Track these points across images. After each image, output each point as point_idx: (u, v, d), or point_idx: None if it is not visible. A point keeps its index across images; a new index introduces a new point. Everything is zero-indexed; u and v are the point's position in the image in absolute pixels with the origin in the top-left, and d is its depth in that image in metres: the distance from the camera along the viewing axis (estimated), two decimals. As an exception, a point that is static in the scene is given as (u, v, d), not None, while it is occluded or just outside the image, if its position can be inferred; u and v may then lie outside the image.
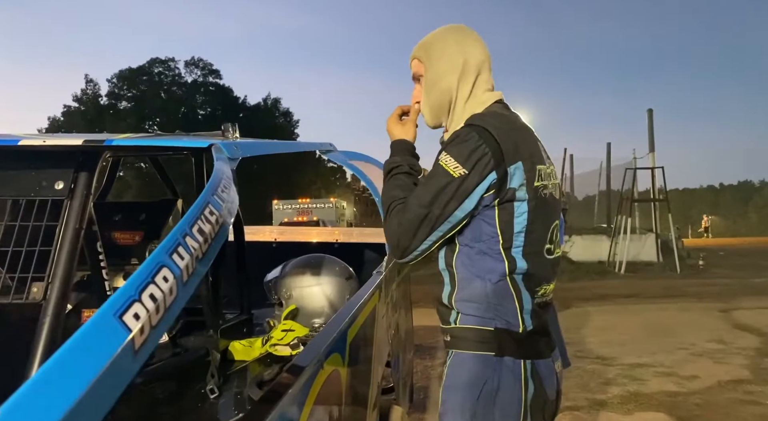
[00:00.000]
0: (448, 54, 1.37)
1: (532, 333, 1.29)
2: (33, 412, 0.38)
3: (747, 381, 4.48)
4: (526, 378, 1.27)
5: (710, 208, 56.89)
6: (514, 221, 1.26)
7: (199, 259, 0.66)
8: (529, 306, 1.29)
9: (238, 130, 1.49)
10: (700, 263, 14.33)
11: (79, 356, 0.45)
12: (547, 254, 1.32)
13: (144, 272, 0.59)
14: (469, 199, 1.23)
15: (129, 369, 0.49)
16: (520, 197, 1.25)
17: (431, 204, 1.23)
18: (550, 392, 1.33)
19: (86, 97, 39.50)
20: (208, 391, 1.39)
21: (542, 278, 1.32)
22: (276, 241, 3.15)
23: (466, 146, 1.23)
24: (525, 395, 1.26)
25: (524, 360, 1.27)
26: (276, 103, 44.47)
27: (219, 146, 1.15)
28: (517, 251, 1.27)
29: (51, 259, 1.06)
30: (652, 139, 16.00)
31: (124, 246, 1.80)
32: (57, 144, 1.16)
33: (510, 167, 1.23)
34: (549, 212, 1.32)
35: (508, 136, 1.24)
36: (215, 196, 0.82)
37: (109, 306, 0.54)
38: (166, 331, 1.61)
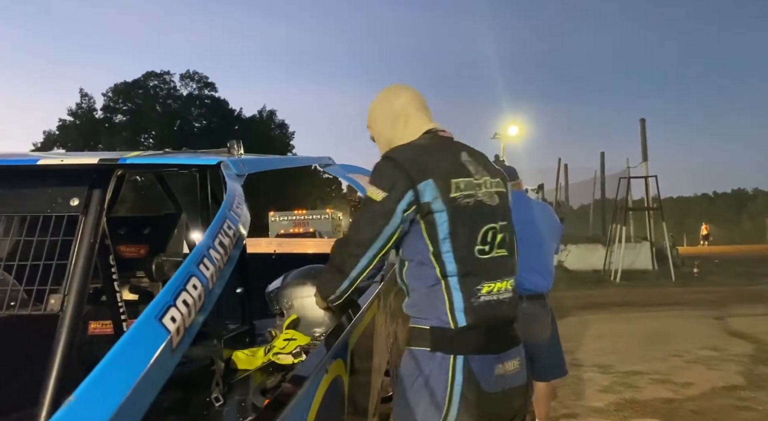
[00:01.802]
0: (379, 115, 1.70)
1: (467, 330, 1.44)
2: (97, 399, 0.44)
3: (741, 387, 4.53)
4: (454, 371, 1.41)
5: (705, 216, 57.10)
6: (437, 230, 1.46)
7: (221, 268, 0.74)
8: (461, 305, 1.45)
9: (242, 146, 1.55)
10: (695, 271, 14.42)
11: (130, 353, 0.51)
12: (479, 254, 1.49)
13: (177, 280, 0.66)
14: (394, 216, 1.46)
15: (169, 364, 0.57)
16: (437, 209, 1.46)
17: (368, 225, 1.49)
18: (489, 386, 1.43)
19: (81, 111, 39.54)
20: (213, 399, 1.44)
21: (483, 276, 1.48)
22: (275, 252, 3.20)
23: (381, 174, 1.50)
24: (451, 386, 1.41)
25: (454, 355, 1.42)
26: (271, 116, 44.60)
27: (228, 163, 1.22)
28: (447, 255, 1.46)
29: (67, 272, 1.11)
30: (645, 148, 16.15)
31: (129, 259, 1.84)
32: (74, 163, 1.22)
33: (419, 185, 1.46)
34: (475, 218, 1.50)
35: (414, 161, 1.49)
36: (231, 212, 0.89)
37: (151, 310, 0.60)
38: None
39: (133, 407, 0.50)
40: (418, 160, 1.50)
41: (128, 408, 0.48)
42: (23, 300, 1.16)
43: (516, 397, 1.50)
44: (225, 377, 1.58)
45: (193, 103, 41.86)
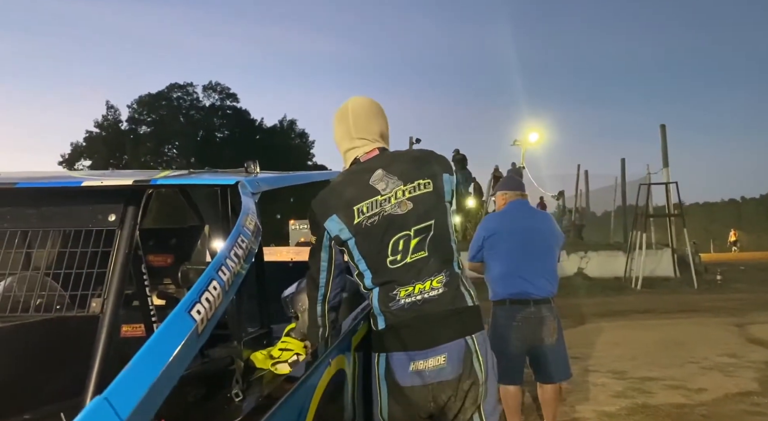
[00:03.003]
0: (334, 135, 1.94)
1: (386, 331, 1.66)
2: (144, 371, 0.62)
3: (755, 393, 4.55)
4: (378, 367, 1.67)
5: (732, 222, 55.88)
6: (353, 253, 1.71)
7: (236, 274, 0.91)
8: (378, 310, 1.67)
9: (258, 166, 1.72)
10: (718, 278, 14.23)
11: (167, 336, 0.69)
12: (391, 264, 1.67)
13: (202, 283, 0.84)
14: (324, 248, 1.77)
15: (195, 345, 0.74)
16: (345, 237, 1.70)
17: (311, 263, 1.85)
18: (404, 380, 1.62)
19: (107, 123, 40.51)
20: (234, 395, 1.58)
21: (396, 283, 1.66)
22: (292, 261, 3.36)
23: (309, 221, 1.82)
24: (378, 379, 1.66)
25: (378, 353, 1.67)
26: (292, 125, 45.14)
27: (244, 183, 1.38)
28: (365, 271, 1.70)
29: (106, 278, 1.28)
30: (665, 154, 16.03)
31: (158, 267, 2.01)
32: (112, 184, 1.40)
33: (325, 223, 1.73)
34: (382, 234, 1.68)
35: (321, 202, 1.77)
36: (245, 227, 1.06)
37: (182, 305, 0.78)
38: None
39: (171, 373, 0.67)
40: (324, 200, 1.78)
41: (167, 375, 0.66)
42: (68, 304, 1.33)
43: (442, 391, 1.61)
44: (244, 376, 1.72)
45: (215, 114, 42.61)
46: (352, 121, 1.85)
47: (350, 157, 1.86)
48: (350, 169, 1.83)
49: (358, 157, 1.81)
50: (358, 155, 1.82)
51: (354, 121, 1.85)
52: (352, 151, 1.85)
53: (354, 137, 1.84)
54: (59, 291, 1.33)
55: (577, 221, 19.21)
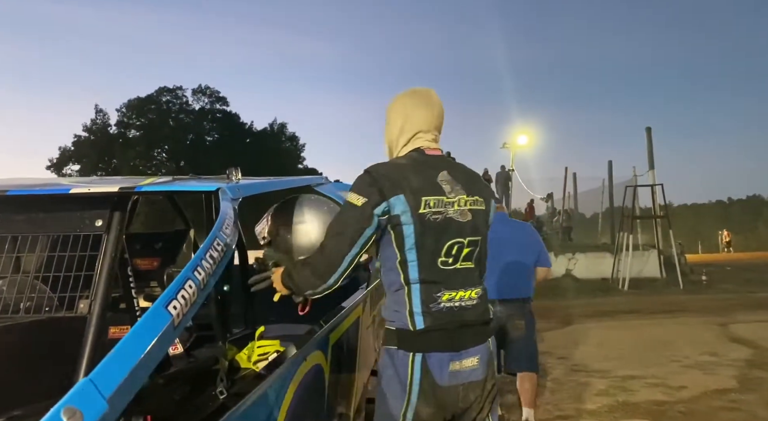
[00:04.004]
0: (392, 115, 1.82)
1: (425, 332, 1.63)
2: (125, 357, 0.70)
3: (733, 390, 4.67)
4: (413, 367, 1.62)
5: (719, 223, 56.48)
6: (404, 241, 1.63)
7: (210, 274, 0.99)
8: (419, 309, 1.63)
9: (240, 172, 1.78)
10: (703, 279, 14.44)
11: (146, 328, 0.76)
12: (442, 265, 1.65)
13: (178, 281, 0.92)
14: (373, 219, 1.62)
15: (172, 336, 0.82)
16: (405, 221, 1.62)
17: (345, 226, 1.63)
18: (442, 380, 1.63)
19: (96, 127, 40.27)
20: (218, 392, 1.65)
21: (442, 285, 1.64)
22: (279, 264, 3.42)
23: (360, 184, 1.66)
24: (411, 380, 1.62)
25: (413, 353, 1.62)
26: (282, 128, 45.07)
27: (224, 189, 1.45)
28: (413, 264, 1.63)
29: (93, 281, 1.35)
30: (651, 156, 16.26)
31: (144, 271, 2.08)
32: (98, 191, 1.46)
33: (390, 199, 1.62)
34: (442, 232, 1.66)
35: (388, 176, 1.66)
36: (221, 232, 1.14)
37: (160, 301, 0.86)
38: (182, 344, 1.89)
39: (150, 359, 0.76)
40: (392, 175, 1.67)
41: (146, 361, 0.74)
42: (56, 306, 1.40)
43: (472, 390, 1.68)
44: (228, 374, 1.79)
45: (205, 118, 42.47)
46: (437, 112, 1.82)
47: (414, 143, 1.78)
48: (415, 157, 1.76)
49: (422, 148, 1.77)
50: (423, 146, 1.78)
51: (438, 113, 1.82)
52: (419, 138, 1.79)
53: (431, 128, 1.80)
54: (48, 293, 1.40)
55: (564, 223, 19.41)
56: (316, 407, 1.56)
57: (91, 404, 0.66)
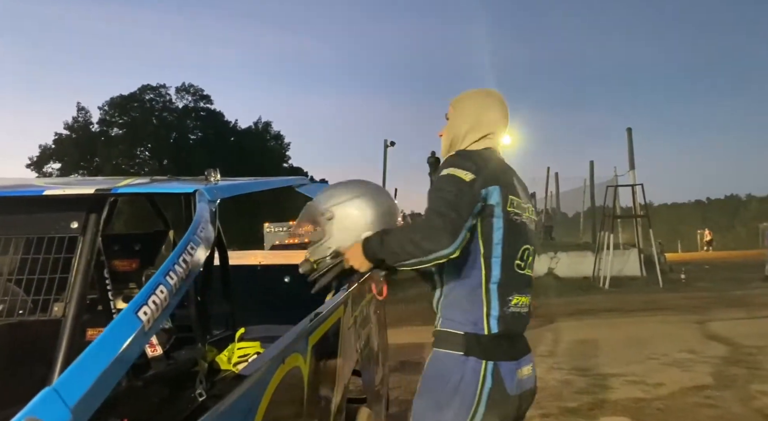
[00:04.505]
0: (467, 110, 1.75)
1: (497, 337, 1.53)
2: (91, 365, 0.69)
3: (709, 387, 4.76)
4: (485, 376, 1.51)
5: (698, 223, 57.40)
6: (493, 234, 1.54)
7: (183, 279, 0.98)
8: (497, 313, 1.53)
9: (219, 173, 1.77)
10: (682, 277, 14.67)
11: (115, 333, 0.76)
12: (517, 268, 1.59)
13: (150, 287, 0.91)
14: (478, 198, 1.51)
15: (142, 340, 0.81)
16: (497, 214, 1.54)
17: (458, 198, 1.47)
18: (512, 390, 1.55)
19: (77, 125, 39.70)
20: (197, 395, 1.64)
21: (514, 288, 1.57)
22: (260, 264, 3.41)
23: (461, 162, 1.55)
24: (481, 389, 1.51)
25: (486, 361, 1.51)
26: (267, 127, 44.86)
27: (202, 191, 1.45)
28: (496, 261, 1.54)
29: (69, 283, 1.33)
30: (632, 157, 16.48)
31: (122, 272, 2.05)
32: (73, 193, 1.45)
33: (489, 187, 1.53)
34: (519, 234, 1.60)
35: (486, 165, 1.57)
36: (195, 235, 1.14)
37: (130, 307, 0.85)
38: (160, 345, 1.88)
39: (118, 367, 0.75)
40: (490, 165, 1.60)
41: (114, 368, 0.73)
42: (30, 309, 1.38)
43: (526, 400, 1.62)
44: (208, 377, 1.78)
45: (188, 116, 42.12)
46: (507, 118, 1.77)
47: (483, 143, 1.71)
48: (497, 155, 1.69)
49: (492, 148, 1.71)
50: (492, 147, 1.71)
51: (507, 116, 1.78)
52: (489, 139, 1.71)
53: (503, 129, 1.75)
54: (22, 296, 1.38)
55: (545, 222, 19.60)
56: (294, 410, 1.56)
57: (55, 414, 0.65)
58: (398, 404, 4.61)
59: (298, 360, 1.54)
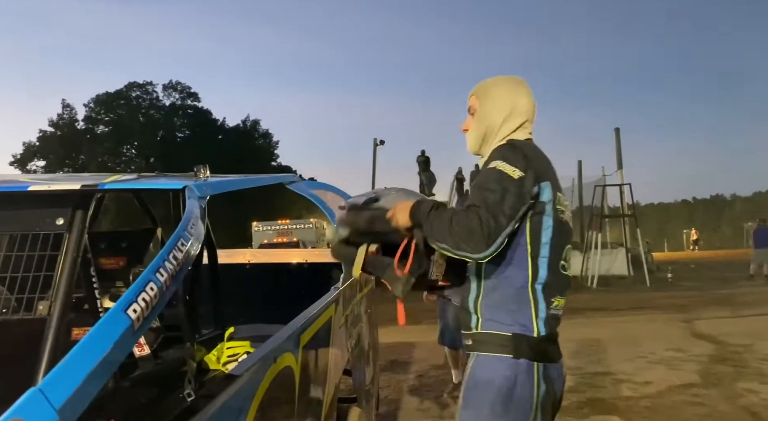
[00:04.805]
0: (499, 98, 1.63)
1: (545, 339, 1.47)
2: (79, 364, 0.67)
3: (696, 385, 4.80)
4: (539, 379, 1.45)
5: (685, 222, 58.07)
6: (542, 233, 1.47)
7: (173, 276, 0.96)
8: (544, 314, 1.47)
9: (208, 170, 1.75)
10: (669, 277, 14.82)
11: (104, 332, 0.73)
12: (561, 269, 1.53)
13: (139, 284, 0.89)
14: (527, 198, 1.42)
15: (131, 340, 0.79)
16: (547, 212, 1.47)
17: (504, 198, 1.39)
18: (558, 393, 1.52)
19: (63, 122, 39.20)
20: (186, 395, 1.62)
21: (557, 290, 1.51)
22: (249, 263, 3.38)
23: (516, 156, 1.46)
24: (537, 393, 1.44)
25: (537, 363, 1.45)
26: (255, 125, 44.61)
27: (191, 187, 1.42)
28: (543, 261, 1.47)
29: (54, 281, 1.30)
30: (620, 156, 16.59)
31: (110, 270, 2.02)
32: (59, 189, 1.41)
33: (541, 183, 1.46)
34: (565, 233, 1.54)
35: (537, 159, 1.50)
36: (186, 231, 1.11)
37: (119, 304, 0.82)
38: (148, 345, 1.85)
39: (106, 367, 0.72)
40: (540, 160, 1.51)
41: (102, 368, 0.71)
42: (14, 307, 1.34)
43: (560, 401, 1.58)
44: (197, 376, 1.76)
45: (176, 114, 41.75)
46: (534, 104, 1.67)
47: (520, 133, 1.61)
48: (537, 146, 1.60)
49: (532, 138, 1.63)
50: (525, 139, 1.61)
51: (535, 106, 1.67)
52: (525, 129, 1.62)
53: (533, 119, 1.65)
54: (5, 294, 1.35)
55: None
56: (286, 410, 1.54)
57: (40, 415, 0.63)
58: (388, 404, 4.60)
59: (290, 359, 1.52)
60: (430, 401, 4.69)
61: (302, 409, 1.67)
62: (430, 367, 5.69)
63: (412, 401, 4.72)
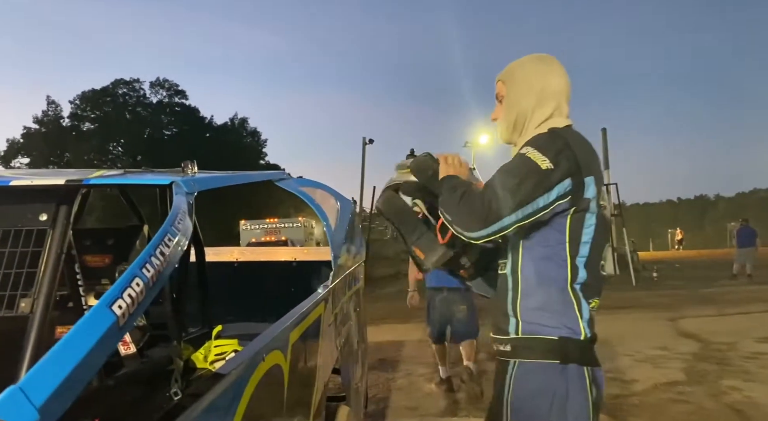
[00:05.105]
0: (528, 80, 1.49)
1: (590, 341, 1.38)
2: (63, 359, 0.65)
3: (681, 383, 4.85)
4: (590, 384, 1.35)
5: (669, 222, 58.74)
6: (582, 231, 1.37)
7: (160, 272, 0.94)
8: (587, 315, 1.37)
9: (196, 166, 1.72)
10: (654, 276, 14.96)
11: (88, 328, 0.71)
12: (600, 269, 1.43)
13: (125, 279, 0.87)
14: (549, 193, 1.31)
15: (117, 336, 0.77)
16: (591, 209, 1.36)
17: (518, 186, 1.30)
18: (601, 398, 1.41)
19: (48, 119, 38.71)
20: (172, 394, 1.59)
21: (595, 290, 1.41)
22: (237, 261, 3.35)
23: (552, 146, 1.35)
24: (591, 400, 1.35)
25: (586, 367, 1.35)
26: (243, 123, 44.36)
27: (179, 183, 1.40)
28: (581, 261, 1.37)
29: (37, 279, 1.27)
30: (606, 157, 16.74)
31: (95, 268, 1.99)
32: (42, 184, 1.38)
33: (586, 178, 1.34)
34: (605, 231, 1.42)
35: (582, 151, 1.37)
36: (173, 227, 1.09)
37: (103, 300, 0.80)
38: (134, 343, 1.82)
39: (90, 364, 0.71)
40: (585, 151, 1.38)
41: (85, 365, 0.69)
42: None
43: (601, 409, 1.44)
44: (184, 375, 1.74)
45: (163, 111, 41.40)
46: (568, 79, 1.52)
47: (555, 120, 1.47)
48: (581, 135, 1.45)
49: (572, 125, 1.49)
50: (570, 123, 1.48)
51: (569, 82, 1.52)
52: (560, 115, 1.48)
53: (567, 98, 1.50)
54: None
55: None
56: (274, 408, 1.53)
57: (21, 414, 0.61)
58: (376, 402, 4.59)
59: (279, 358, 1.50)
60: (418, 399, 4.69)
61: (291, 408, 1.66)
62: (418, 365, 5.69)
63: (400, 399, 4.72)
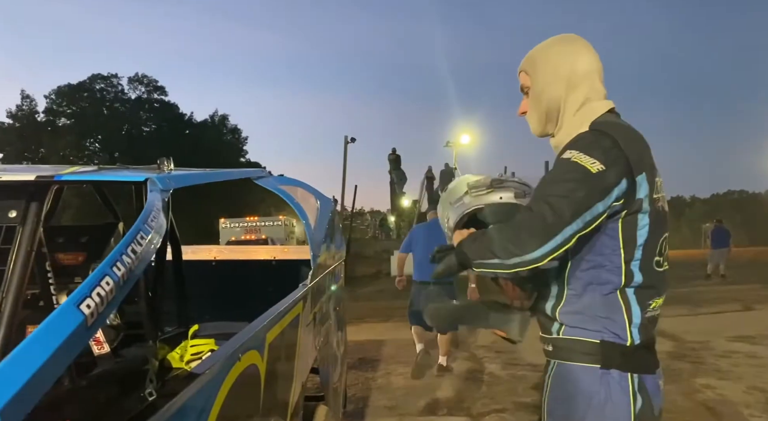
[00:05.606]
0: (552, 65, 1.38)
1: (640, 347, 1.30)
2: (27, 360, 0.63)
3: (656, 381, 4.92)
4: (635, 392, 1.29)
5: (646, 223, 59.44)
6: (637, 234, 1.27)
7: (131, 270, 0.92)
8: (639, 320, 1.30)
9: (172, 163, 1.70)
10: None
11: (54, 328, 0.70)
12: (656, 266, 1.33)
13: (94, 278, 0.85)
14: (608, 196, 1.21)
15: (84, 336, 0.75)
16: (644, 209, 1.27)
17: (572, 193, 1.20)
18: (656, 408, 1.33)
19: (22, 114, 37.88)
20: (147, 394, 1.57)
21: (654, 291, 1.33)
22: (215, 259, 3.32)
23: (599, 146, 1.24)
24: (634, 408, 1.28)
25: (631, 374, 1.29)
26: (223, 120, 43.94)
27: (153, 180, 1.37)
28: (635, 264, 1.29)
29: (5, 277, 1.24)
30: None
31: (68, 266, 1.95)
32: (11, 179, 1.35)
33: (638, 177, 1.24)
34: (662, 224, 1.33)
35: (632, 147, 1.26)
36: (146, 224, 1.08)
37: (71, 299, 0.79)
38: (108, 343, 1.79)
39: (55, 365, 0.69)
40: (634, 145, 1.27)
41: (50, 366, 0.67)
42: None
43: (660, 417, 1.38)
44: (159, 375, 1.71)
45: (141, 107, 40.80)
46: (598, 57, 1.40)
47: (596, 105, 1.36)
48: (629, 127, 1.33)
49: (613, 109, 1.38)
50: (611, 107, 1.37)
51: (599, 59, 1.40)
52: (598, 97, 1.37)
53: (600, 77, 1.39)
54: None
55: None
56: (251, 409, 1.51)
57: None
58: (355, 402, 4.58)
59: (255, 357, 1.49)
60: (397, 398, 4.70)
61: (267, 408, 1.64)
62: (397, 364, 5.70)
63: (379, 398, 4.72)
